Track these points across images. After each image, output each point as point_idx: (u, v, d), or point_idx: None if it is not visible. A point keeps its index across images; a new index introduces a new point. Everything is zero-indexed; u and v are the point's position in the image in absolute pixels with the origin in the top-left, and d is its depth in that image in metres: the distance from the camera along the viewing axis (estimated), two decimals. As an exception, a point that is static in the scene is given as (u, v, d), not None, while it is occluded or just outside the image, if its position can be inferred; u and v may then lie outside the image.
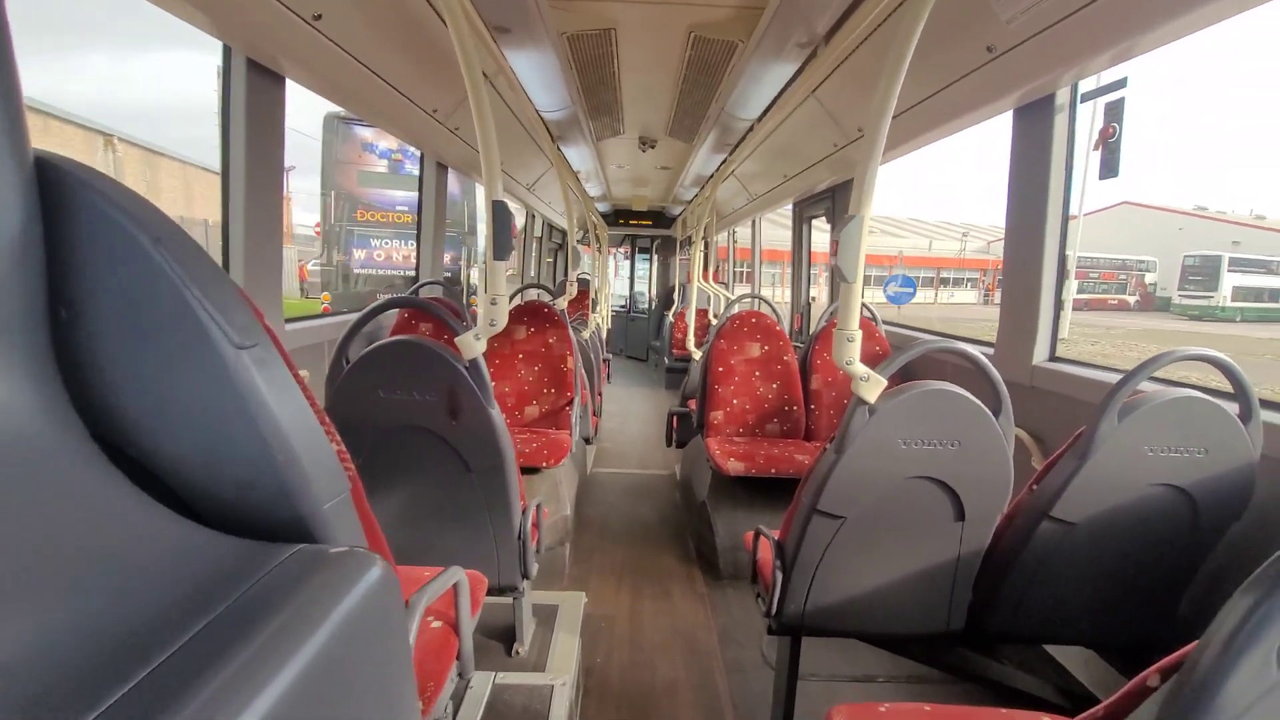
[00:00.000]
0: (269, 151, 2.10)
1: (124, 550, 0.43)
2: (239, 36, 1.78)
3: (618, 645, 2.40)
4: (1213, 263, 27.94)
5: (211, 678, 0.36)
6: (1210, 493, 1.44)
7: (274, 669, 0.38)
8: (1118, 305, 32.52)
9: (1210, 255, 28.33)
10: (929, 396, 1.42)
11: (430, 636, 1.13)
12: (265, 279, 2.18)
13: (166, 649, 0.37)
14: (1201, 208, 40.37)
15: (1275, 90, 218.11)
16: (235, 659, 0.37)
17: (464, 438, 1.64)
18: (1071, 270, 32.56)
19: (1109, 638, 1.71)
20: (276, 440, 0.52)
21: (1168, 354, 1.44)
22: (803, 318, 5.03)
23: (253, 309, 0.54)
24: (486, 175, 1.65)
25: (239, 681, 0.36)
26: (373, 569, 0.49)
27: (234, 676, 0.36)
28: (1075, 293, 30.11)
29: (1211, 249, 29.36)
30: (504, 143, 3.89)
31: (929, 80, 2.24)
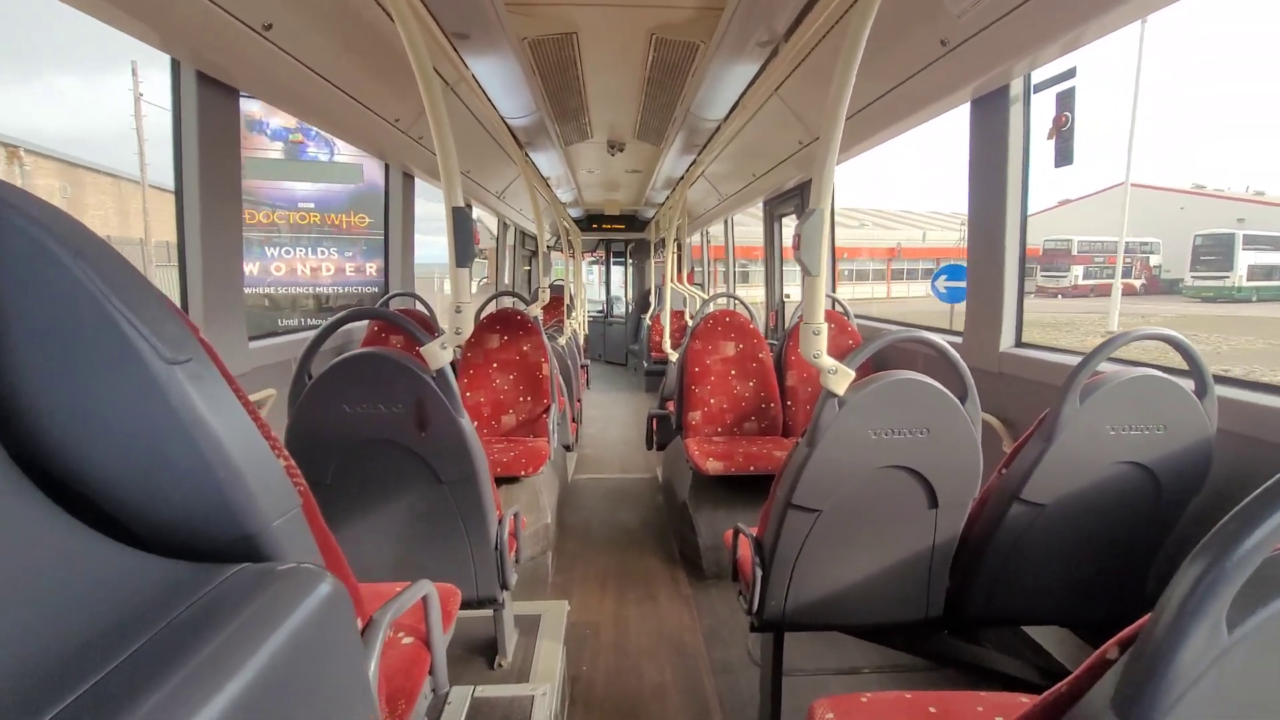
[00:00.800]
0: (225, 166, 2.05)
1: (47, 576, 0.41)
2: (187, 49, 1.74)
3: (603, 652, 2.38)
4: (1225, 241, 26.39)
5: (144, 701, 0.34)
6: (1171, 468, 1.47)
7: (211, 690, 0.37)
8: (1123, 290, 29.40)
9: (1222, 233, 26.80)
10: (896, 386, 1.43)
11: (400, 652, 1.10)
12: (227, 298, 2.13)
13: (93, 675, 0.36)
14: (1200, 186, 38.62)
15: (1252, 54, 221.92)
16: (169, 681, 0.36)
17: (434, 449, 1.61)
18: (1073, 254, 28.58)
19: (1082, 615, 1.74)
20: (217, 457, 0.51)
21: (1124, 335, 1.47)
22: (777, 315, 5.06)
23: (186, 323, 0.52)
24: (445, 181, 1.63)
25: (174, 704, 0.35)
26: (321, 585, 0.48)
27: (168, 699, 0.35)
28: (1080, 279, 29.78)
29: (1218, 227, 27.90)
30: (470, 150, 3.87)
31: (887, 75, 2.27)
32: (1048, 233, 34.18)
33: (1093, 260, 30.80)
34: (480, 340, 3.36)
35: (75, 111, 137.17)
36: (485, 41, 2.15)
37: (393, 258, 3.92)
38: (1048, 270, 30.96)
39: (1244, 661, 0.51)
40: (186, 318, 0.54)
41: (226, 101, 2.01)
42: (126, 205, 15.99)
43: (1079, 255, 30.93)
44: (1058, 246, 30.95)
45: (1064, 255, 30.85)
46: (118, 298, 0.46)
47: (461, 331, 1.65)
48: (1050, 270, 30.94)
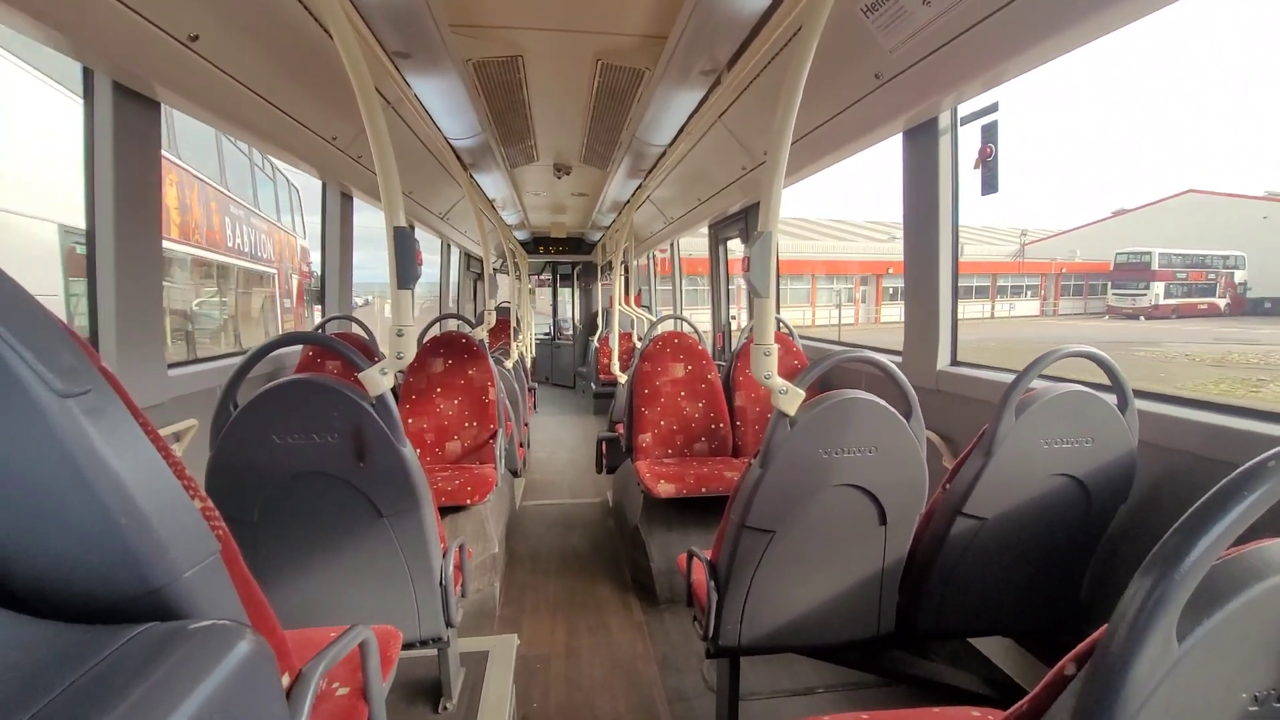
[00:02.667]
0: (143, 182, 1.92)
1: None
2: (103, 58, 1.63)
3: (554, 686, 2.29)
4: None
5: None
6: (1099, 479, 1.55)
7: None
8: (1207, 310, 27.31)
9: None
10: (845, 405, 1.45)
11: (335, 705, 1.02)
12: (143, 321, 1.98)
13: None
14: (1273, 193, 32.63)
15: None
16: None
17: (373, 481, 1.53)
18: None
19: (1024, 625, 1.80)
20: (117, 503, 0.44)
21: (1052, 353, 1.55)
22: (724, 336, 5.13)
23: (84, 350, 0.46)
24: (386, 201, 1.57)
25: None
26: (239, 644, 0.42)
27: None
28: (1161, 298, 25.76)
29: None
30: (413, 171, 3.78)
31: (826, 105, 2.36)
32: (1099, 247, 30.79)
33: (1174, 276, 26.92)
34: (423, 365, 3.25)
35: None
36: (427, 61, 2.11)
37: (329, 280, 3.76)
38: (1121, 288, 27.46)
39: (1193, 671, 0.53)
40: (86, 345, 0.48)
41: (146, 114, 1.89)
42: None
43: (1160, 270, 26.75)
44: (1133, 260, 27.09)
45: (1141, 270, 26.94)
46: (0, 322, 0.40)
47: (403, 356, 1.58)
48: (1123, 288, 27.33)
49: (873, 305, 30.05)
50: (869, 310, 29.76)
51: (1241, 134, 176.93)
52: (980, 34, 1.63)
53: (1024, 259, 34.80)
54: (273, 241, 10.69)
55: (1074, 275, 34.41)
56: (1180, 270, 27.05)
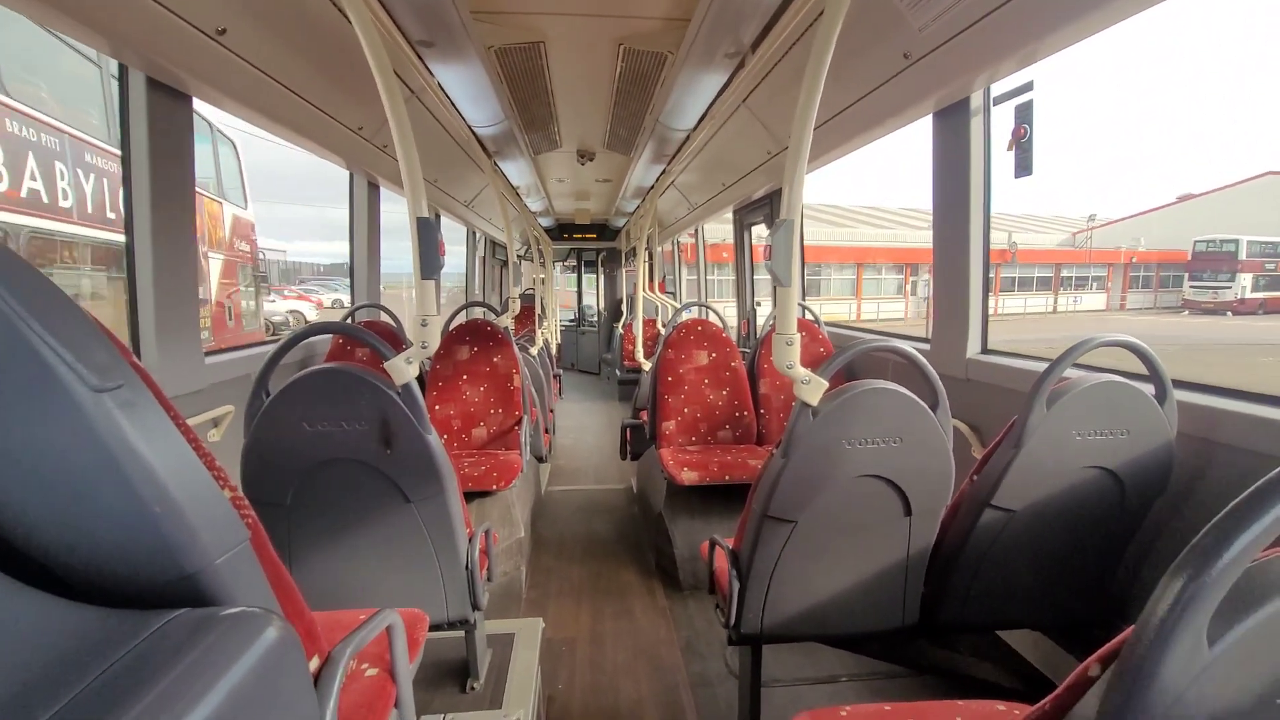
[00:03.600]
0: (178, 175, 1.97)
1: None
2: (137, 54, 1.67)
3: (579, 669, 2.33)
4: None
5: None
6: (1134, 472, 1.51)
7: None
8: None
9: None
10: (869, 395, 1.43)
11: (364, 685, 1.05)
12: (180, 312, 2.04)
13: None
14: None
15: None
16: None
17: (400, 467, 1.56)
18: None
19: (1053, 619, 1.76)
20: (151, 492, 0.46)
21: (1087, 341, 1.50)
22: (749, 323, 5.09)
23: (116, 345, 0.48)
24: (409, 190, 1.59)
25: None
26: (267, 631, 0.44)
27: None
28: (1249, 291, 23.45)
29: None
30: (438, 159, 3.81)
31: (852, 87, 2.30)
32: (1162, 235, 28.43)
33: (1263, 268, 24.06)
34: (449, 352, 3.30)
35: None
36: (450, 50, 2.12)
37: (358, 269, 3.82)
38: (1199, 280, 24.95)
39: (1224, 676, 0.51)
40: (118, 340, 0.50)
41: (178, 108, 1.93)
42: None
43: (1248, 260, 23.97)
44: (1214, 250, 24.51)
45: (1225, 260, 24.26)
46: (36, 320, 0.42)
47: (428, 345, 1.61)
48: (1202, 280, 24.77)
49: (921, 299, 27.55)
50: (918, 304, 27.53)
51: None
52: (1015, 10, 1.57)
53: (1085, 248, 31.93)
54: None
55: (1142, 266, 31.58)
56: (1270, 260, 24.24)
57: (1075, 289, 30.12)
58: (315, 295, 21.87)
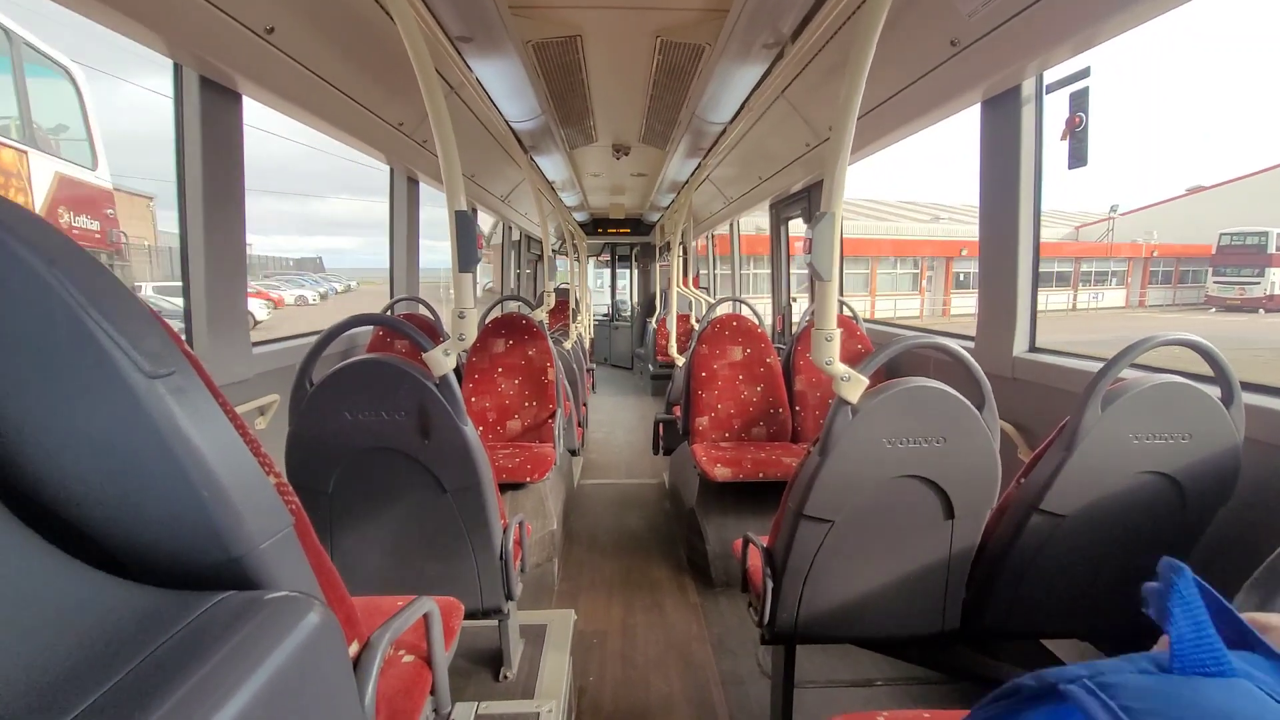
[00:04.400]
0: (228, 173, 2.04)
1: (14, 603, 0.38)
2: (190, 54, 1.72)
3: (610, 662, 2.34)
4: None
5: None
6: (1196, 478, 1.43)
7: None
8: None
9: None
10: (911, 393, 1.39)
11: (401, 672, 1.07)
12: (230, 304, 2.11)
13: (69, 710, 0.33)
14: None
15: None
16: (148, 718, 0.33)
17: (437, 457, 1.59)
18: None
19: (1104, 629, 1.69)
20: (200, 477, 0.48)
21: (1146, 340, 1.43)
22: (784, 319, 5.02)
23: (169, 333, 0.50)
24: (448, 184, 1.60)
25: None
26: (309, 615, 0.45)
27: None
28: (1279, 286, 22.23)
29: None
30: (475, 154, 3.85)
31: (896, 76, 2.24)
32: (1170, 228, 27.45)
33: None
34: (485, 345, 3.34)
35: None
36: (488, 44, 2.13)
37: (397, 262, 3.90)
38: (1223, 275, 23.50)
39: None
40: (170, 329, 0.51)
41: (229, 106, 1.99)
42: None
43: (1277, 254, 22.60)
44: (1241, 243, 23.10)
45: (1253, 254, 22.91)
46: (95, 308, 0.43)
47: (465, 337, 1.63)
48: (1226, 275, 23.34)
49: (937, 293, 27.12)
50: (934, 300, 27.01)
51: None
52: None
53: (1105, 241, 30.67)
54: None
55: (1161, 260, 30.33)
56: None
57: (1094, 284, 28.81)
58: (276, 292, 21.50)
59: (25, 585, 0.39)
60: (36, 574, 0.40)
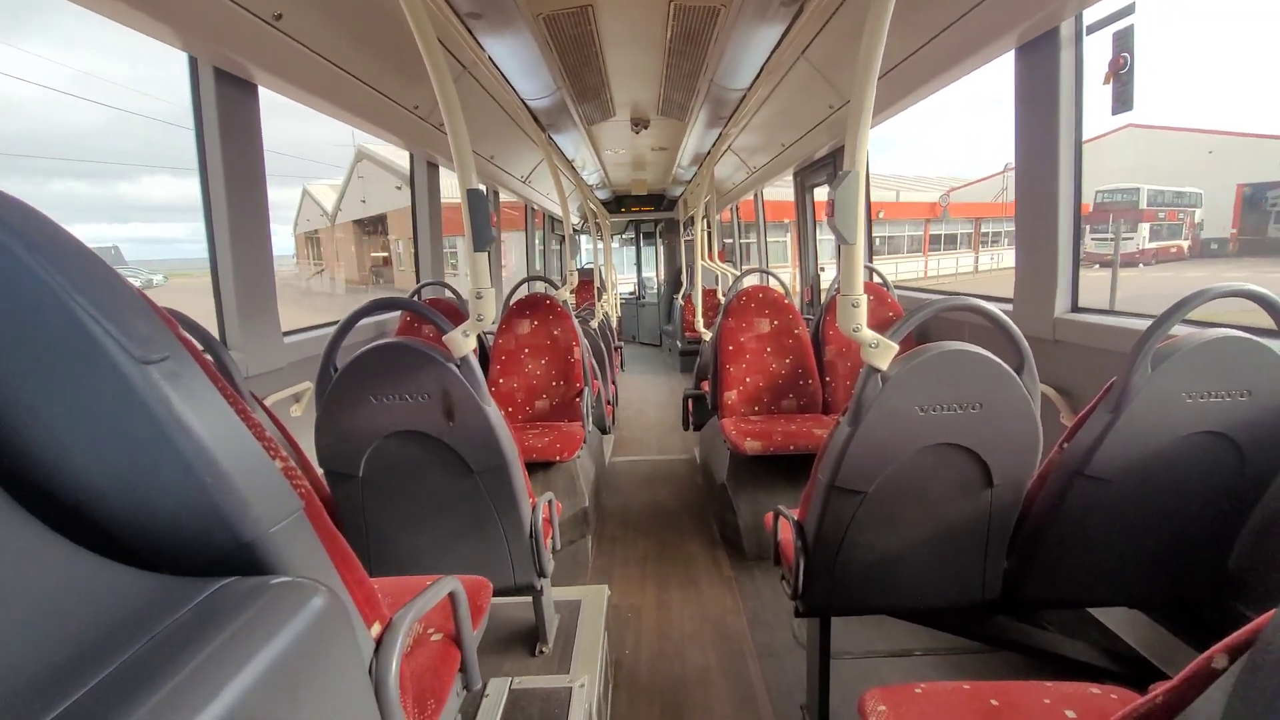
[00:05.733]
0: (248, 162, 2.06)
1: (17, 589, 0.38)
2: (202, 46, 1.73)
3: (646, 636, 2.36)
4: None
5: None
6: (1256, 437, 1.35)
7: (191, 711, 0.33)
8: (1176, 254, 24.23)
9: None
10: (945, 358, 1.33)
11: (430, 651, 1.09)
12: (259, 293, 2.15)
13: (66, 695, 0.32)
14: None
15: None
16: (145, 703, 0.32)
17: (462, 438, 1.59)
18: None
19: (1154, 596, 1.63)
20: (202, 462, 0.47)
21: (1200, 293, 1.34)
22: (812, 289, 4.92)
23: (163, 319, 0.49)
24: (459, 163, 1.59)
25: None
26: (313, 600, 0.44)
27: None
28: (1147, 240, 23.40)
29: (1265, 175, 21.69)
30: (493, 135, 3.83)
31: (922, 26, 2.13)
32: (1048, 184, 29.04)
33: (1156, 216, 23.45)
34: (511, 326, 3.35)
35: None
36: (499, 20, 2.09)
37: (422, 247, 3.93)
38: (1101, 231, 23.77)
39: None
40: (163, 313, 0.50)
41: (245, 96, 2.00)
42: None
43: (1146, 210, 23.40)
44: (1116, 200, 23.48)
45: (1128, 210, 23.25)
46: (82, 295, 0.43)
47: (484, 317, 1.62)
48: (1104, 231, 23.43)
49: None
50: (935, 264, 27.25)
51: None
52: None
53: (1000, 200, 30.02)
54: None
55: None
56: (1161, 210, 23.74)
57: (991, 246, 29.48)
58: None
59: (27, 573, 0.39)
60: (38, 562, 0.40)
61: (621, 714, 1.96)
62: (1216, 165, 24.53)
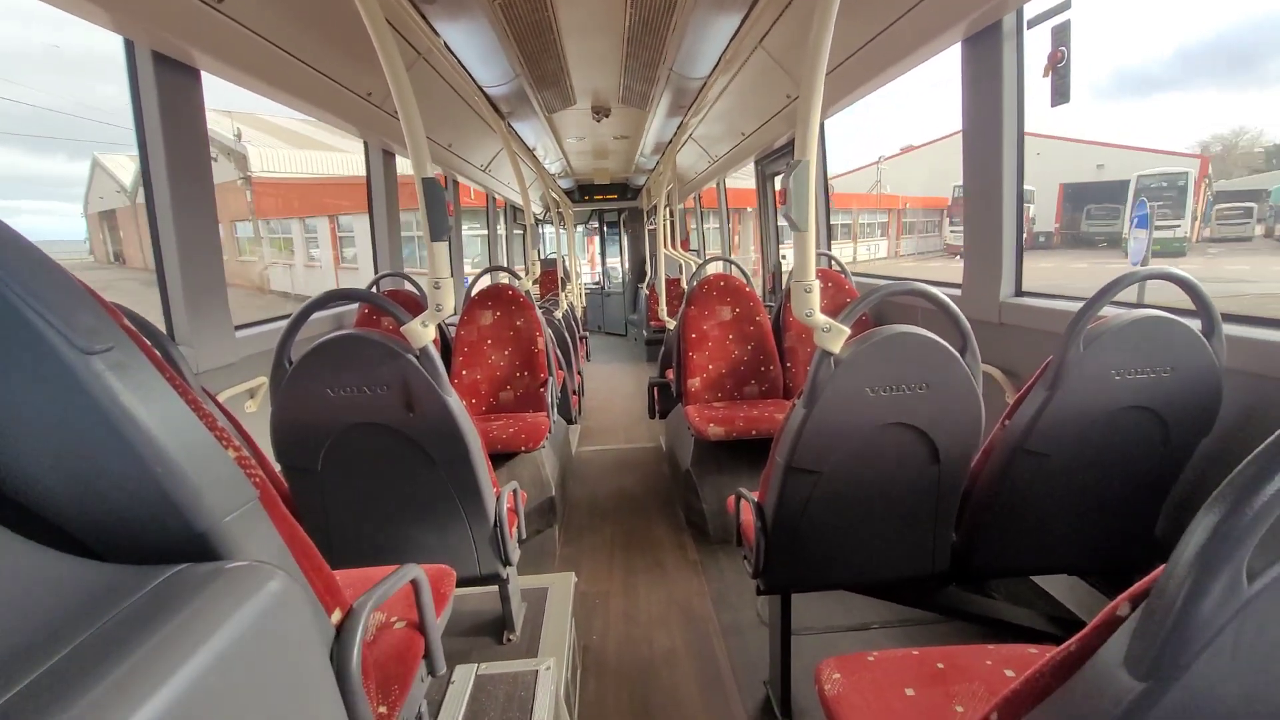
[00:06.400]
0: (193, 150, 1.99)
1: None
2: (139, 28, 1.66)
3: (613, 621, 2.39)
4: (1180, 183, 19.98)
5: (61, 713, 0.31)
6: (1179, 410, 1.44)
7: (140, 698, 0.34)
8: None
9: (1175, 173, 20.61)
10: (892, 341, 1.39)
11: (393, 638, 1.09)
12: (208, 286, 2.08)
13: (10, 686, 0.33)
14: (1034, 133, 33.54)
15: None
16: (92, 690, 0.33)
17: (423, 429, 1.59)
18: None
19: (1091, 563, 1.73)
20: (151, 452, 0.47)
21: (1127, 276, 1.42)
22: (774, 277, 4.99)
23: (107, 309, 0.48)
24: (413, 151, 1.56)
25: (98, 713, 0.32)
26: (269, 584, 0.45)
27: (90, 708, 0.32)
28: None
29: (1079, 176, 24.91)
30: (451, 123, 3.76)
31: (873, 18, 2.17)
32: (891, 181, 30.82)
33: None
34: (472, 318, 3.32)
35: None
36: (454, 5, 2.06)
37: (379, 238, 3.85)
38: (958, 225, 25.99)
39: (1265, 612, 0.48)
40: (108, 304, 0.50)
41: (187, 82, 1.93)
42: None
43: None
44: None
45: None
46: (18, 284, 0.42)
47: (442, 307, 1.61)
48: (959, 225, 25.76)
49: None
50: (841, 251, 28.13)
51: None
52: None
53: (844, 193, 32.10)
54: None
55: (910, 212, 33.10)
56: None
57: (868, 237, 31.15)
58: None
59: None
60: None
61: (590, 698, 1.99)
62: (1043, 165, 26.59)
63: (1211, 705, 0.51)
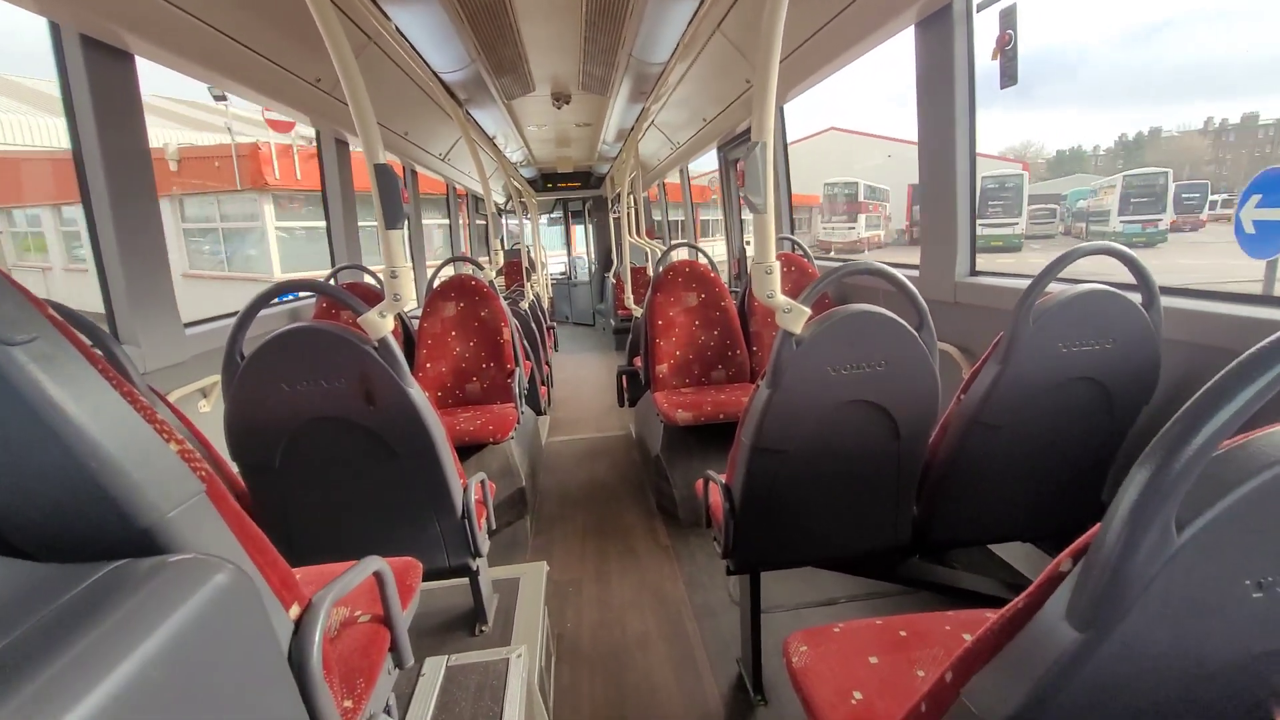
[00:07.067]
0: (129, 139, 1.90)
1: None
2: (63, 10, 1.57)
3: (586, 608, 2.40)
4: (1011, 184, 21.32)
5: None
6: (1121, 380, 1.50)
7: (75, 695, 0.33)
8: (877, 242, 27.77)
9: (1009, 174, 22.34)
10: (852, 320, 1.41)
11: (357, 632, 1.08)
12: (153, 283, 2.00)
13: None
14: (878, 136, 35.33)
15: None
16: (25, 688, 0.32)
17: (384, 422, 1.56)
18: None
19: (1044, 529, 1.80)
20: (82, 446, 0.45)
21: (1072, 252, 1.47)
22: (740, 263, 5.03)
23: (29, 298, 0.46)
24: (364, 137, 1.52)
25: (32, 709, 0.31)
26: (216, 577, 0.43)
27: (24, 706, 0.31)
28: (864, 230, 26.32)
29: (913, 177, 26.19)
30: (405, 111, 3.67)
31: (827, 3, 2.19)
32: None
33: (867, 209, 26.88)
34: (436, 310, 3.27)
35: None
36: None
37: (335, 230, 3.74)
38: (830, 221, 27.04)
39: (1193, 561, 0.51)
40: (30, 294, 0.47)
41: (120, 67, 1.84)
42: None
43: (863, 202, 26.68)
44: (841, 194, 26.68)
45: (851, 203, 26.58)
46: None
47: (400, 297, 1.57)
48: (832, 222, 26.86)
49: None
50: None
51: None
52: None
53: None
54: None
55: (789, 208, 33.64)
56: (870, 202, 27.39)
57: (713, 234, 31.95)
58: None
59: None
60: None
61: (564, 684, 2.00)
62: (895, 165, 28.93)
63: (1146, 650, 0.54)
